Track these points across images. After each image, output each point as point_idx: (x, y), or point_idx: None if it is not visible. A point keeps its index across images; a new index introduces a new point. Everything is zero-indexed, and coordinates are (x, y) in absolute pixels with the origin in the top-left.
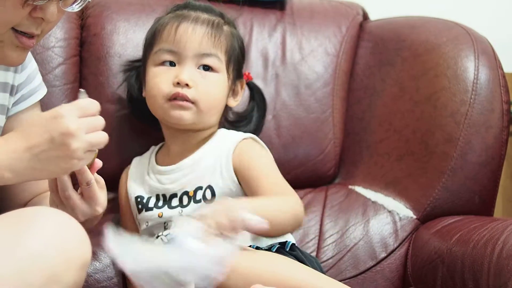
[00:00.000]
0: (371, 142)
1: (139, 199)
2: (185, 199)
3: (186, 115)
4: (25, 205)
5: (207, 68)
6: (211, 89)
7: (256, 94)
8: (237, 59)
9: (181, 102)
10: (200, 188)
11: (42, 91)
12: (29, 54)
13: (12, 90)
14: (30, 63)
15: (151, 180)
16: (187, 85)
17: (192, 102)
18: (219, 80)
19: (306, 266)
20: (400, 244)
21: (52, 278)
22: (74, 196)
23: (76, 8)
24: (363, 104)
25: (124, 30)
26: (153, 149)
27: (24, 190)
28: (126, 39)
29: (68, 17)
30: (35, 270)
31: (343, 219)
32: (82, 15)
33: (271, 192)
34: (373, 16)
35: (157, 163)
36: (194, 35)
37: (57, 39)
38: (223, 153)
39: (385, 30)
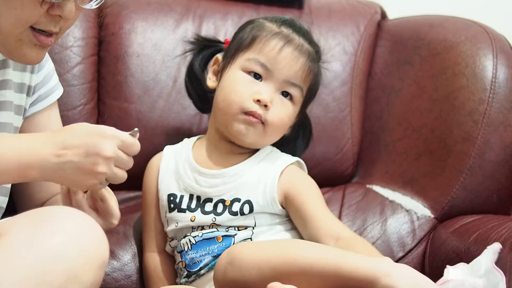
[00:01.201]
0: (389, 141)
1: (171, 198)
2: (220, 207)
3: (250, 132)
4: (42, 205)
5: (286, 94)
6: (284, 117)
7: (305, 123)
8: (312, 97)
9: (253, 119)
10: (237, 200)
11: (59, 91)
12: (46, 54)
13: (29, 90)
14: (47, 63)
15: (187, 178)
16: (265, 106)
17: (262, 122)
18: (293, 112)
19: (315, 243)
20: (418, 243)
21: (71, 278)
22: (91, 214)
23: (94, 5)
24: (381, 103)
25: (142, 29)
26: (187, 142)
27: (42, 191)
28: (144, 39)
29: (86, 16)
30: (55, 270)
31: (360, 218)
32: (100, 14)
33: (329, 221)
34: (391, 15)
35: (194, 160)
36: (295, 64)
37: (75, 38)
38: (268, 174)
39: (404, 29)
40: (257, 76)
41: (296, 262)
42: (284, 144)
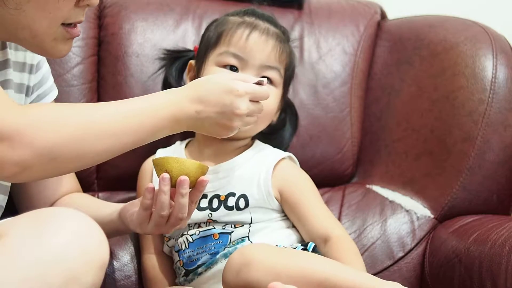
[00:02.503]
0: (389, 141)
1: None
2: (215, 202)
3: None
4: (51, 205)
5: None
6: (268, 102)
7: (288, 108)
8: (291, 77)
9: None
10: (232, 194)
11: (55, 92)
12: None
13: (28, 90)
14: (44, 64)
15: None
16: None
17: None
18: (276, 94)
19: (329, 259)
20: (417, 243)
21: (72, 279)
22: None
23: None
24: (381, 103)
25: (142, 29)
26: (180, 144)
27: (47, 188)
28: (144, 39)
29: (86, 17)
30: (55, 271)
31: (360, 218)
32: (100, 15)
33: (321, 221)
34: (391, 15)
35: None
36: (265, 46)
37: (75, 38)
38: (262, 169)
39: (403, 29)
40: (233, 68)
41: (314, 274)
42: (273, 133)
